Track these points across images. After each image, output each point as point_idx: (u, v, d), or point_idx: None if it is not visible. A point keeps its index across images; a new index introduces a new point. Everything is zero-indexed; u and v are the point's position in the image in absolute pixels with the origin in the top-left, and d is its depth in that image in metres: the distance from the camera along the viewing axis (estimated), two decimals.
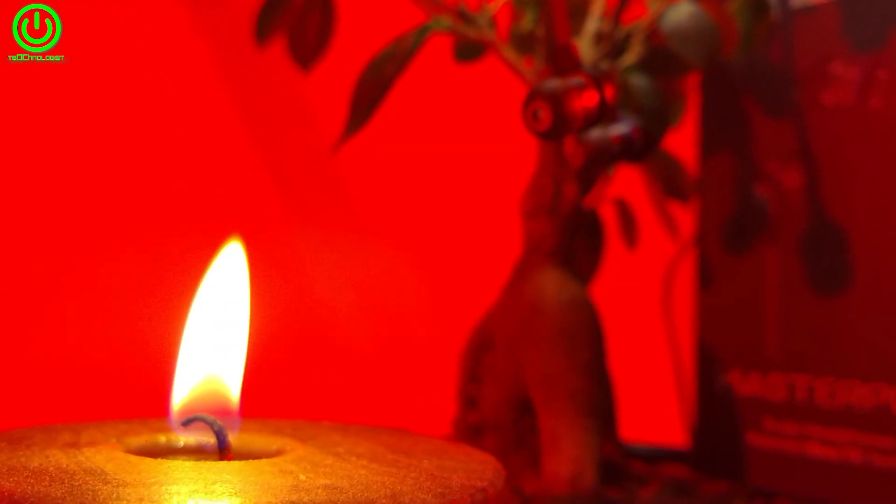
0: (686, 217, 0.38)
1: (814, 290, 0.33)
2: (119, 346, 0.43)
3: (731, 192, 0.35)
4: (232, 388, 0.22)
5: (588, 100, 0.29)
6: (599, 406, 0.30)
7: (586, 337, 0.30)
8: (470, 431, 0.33)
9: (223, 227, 0.47)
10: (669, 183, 0.37)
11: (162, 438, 0.23)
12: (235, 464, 0.20)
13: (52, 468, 0.19)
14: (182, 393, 0.22)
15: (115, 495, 0.17)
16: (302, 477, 0.19)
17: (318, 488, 0.18)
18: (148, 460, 0.20)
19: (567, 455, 0.29)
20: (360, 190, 0.49)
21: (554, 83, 0.28)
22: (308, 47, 0.34)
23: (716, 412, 0.35)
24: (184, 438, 0.23)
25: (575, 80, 0.29)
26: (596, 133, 0.30)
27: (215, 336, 0.22)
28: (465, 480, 0.20)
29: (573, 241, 0.32)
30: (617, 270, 0.37)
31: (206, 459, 0.21)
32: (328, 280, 0.48)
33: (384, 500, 0.18)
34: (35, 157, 0.43)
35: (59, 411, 0.38)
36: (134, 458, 0.20)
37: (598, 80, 0.29)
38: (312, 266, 0.48)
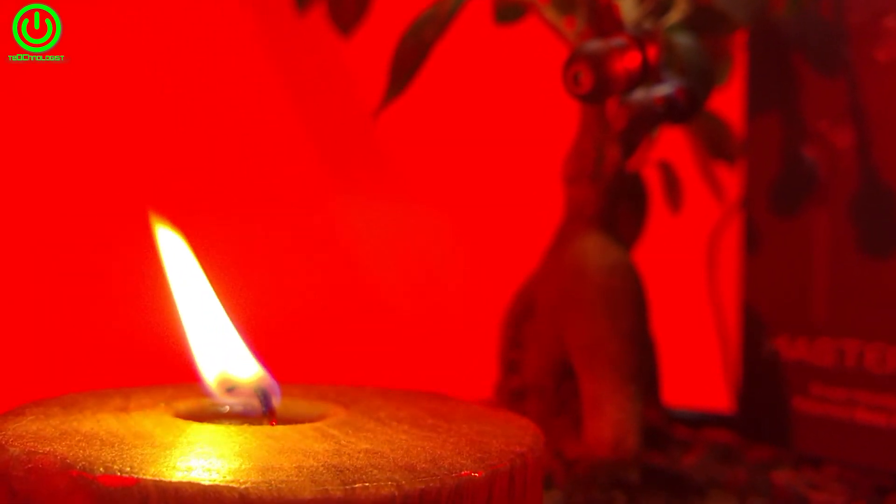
0: (732, 179, 0.37)
1: (864, 253, 0.32)
2: (169, 310, 0.43)
3: (778, 153, 0.34)
4: (248, 373, 0.23)
5: (630, 61, 0.28)
6: (642, 371, 0.30)
7: (629, 302, 0.30)
8: (512, 396, 0.33)
9: (267, 194, 0.48)
10: (715, 144, 0.36)
11: (209, 403, 0.23)
12: (279, 428, 0.20)
13: (102, 432, 0.19)
14: (213, 374, 0.23)
15: (162, 458, 0.18)
16: (343, 441, 0.19)
17: (359, 453, 0.19)
18: (195, 425, 0.20)
19: (609, 420, 0.29)
20: (401, 155, 0.49)
21: (595, 44, 0.28)
22: (348, 12, 0.34)
23: (761, 377, 0.35)
24: (230, 403, 0.23)
25: (617, 40, 0.28)
26: (639, 95, 0.30)
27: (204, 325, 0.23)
28: (504, 446, 0.20)
29: (616, 205, 0.31)
30: (661, 235, 0.36)
31: (251, 424, 0.22)
32: (370, 246, 0.48)
33: (424, 465, 0.18)
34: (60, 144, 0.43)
35: (111, 376, 0.39)
36: (181, 423, 0.20)
37: (640, 40, 0.28)
38: (354, 232, 0.48)
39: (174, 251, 0.23)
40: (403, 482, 0.17)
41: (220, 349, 0.23)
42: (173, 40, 0.45)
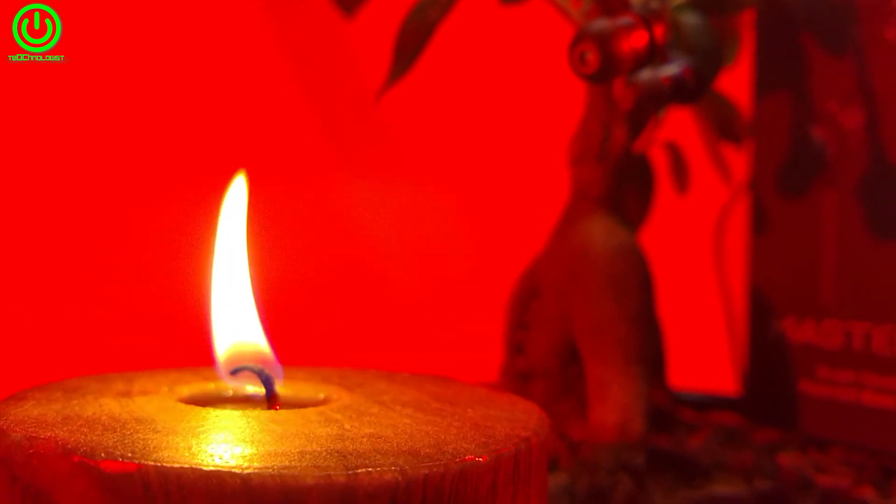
0: (740, 160, 0.37)
1: (873, 234, 0.32)
2: (171, 295, 0.43)
3: (787, 134, 0.34)
4: (262, 343, 0.23)
5: (637, 40, 0.28)
6: (648, 354, 0.30)
7: (635, 284, 0.30)
8: (517, 379, 0.33)
9: (271, 174, 0.47)
10: (722, 125, 0.36)
11: (212, 387, 0.23)
12: (282, 413, 0.20)
13: (104, 417, 0.19)
14: (222, 349, 0.23)
15: (164, 444, 0.18)
16: (347, 426, 0.19)
17: (362, 437, 0.19)
18: (197, 409, 0.20)
19: (615, 403, 0.29)
20: (405, 137, 0.49)
21: (601, 24, 0.28)
22: None
23: (768, 359, 0.34)
24: (233, 387, 0.23)
25: (623, 19, 0.28)
26: (646, 75, 0.29)
27: (229, 289, 0.23)
28: (509, 430, 0.20)
29: (622, 186, 0.31)
30: (668, 216, 0.36)
31: (254, 408, 0.22)
32: (374, 228, 0.48)
33: (427, 450, 0.18)
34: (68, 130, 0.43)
35: (114, 360, 0.39)
36: (184, 407, 0.20)
37: (647, 19, 0.28)
38: (359, 214, 0.48)
39: (233, 214, 0.23)
40: (407, 467, 0.17)
41: (237, 322, 0.23)
42: (177, 24, 0.45)
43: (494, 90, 0.48)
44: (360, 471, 0.17)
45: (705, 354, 0.41)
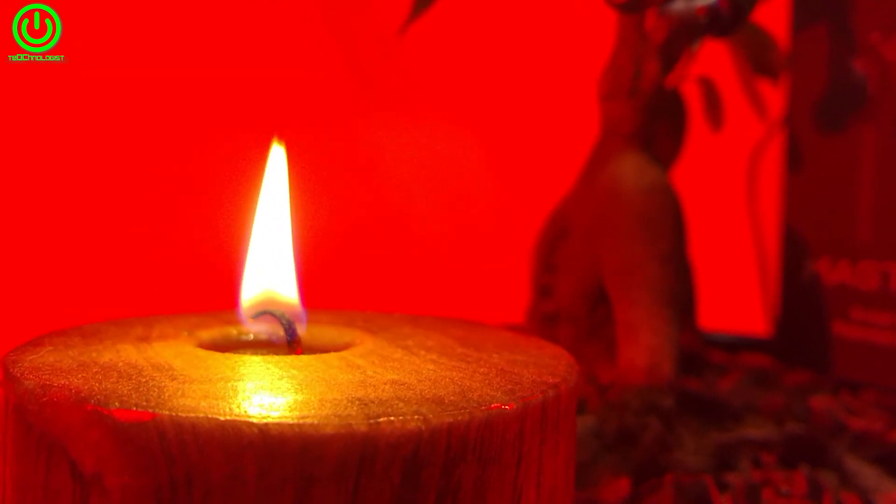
0: (776, 95, 0.35)
1: None
2: (196, 236, 0.43)
3: (825, 68, 0.32)
4: (290, 296, 0.22)
5: None
6: (678, 295, 0.29)
7: (666, 225, 0.29)
8: (544, 321, 0.32)
9: (293, 112, 0.47)
10: (758, 59, 0.34)
11: (233, 331, 0.23)
12: (303, 358, 0.20)
13: (121, 364, 0.19)
14: (249, 292, 0.22)
15: (180, 392, 0.17)
16: (369, 372, 0.19)
17: (384, 384, 0.18)
18: (216, 355, 0.20)
19: (644, 345, 0.28)
20: (428, 73, 0.48)
21: None
22: None
23: (801, 300, 0.34)
24: (254, 332, 0.23)
25: None
26: (680, 5, 0.28)
27: (268, 248, 0.22)
28: (536, 376, 0.19)
29: (654, 123, 0.30)
30: (701, 154, 0.35)
31: (275, 353, 0.21)
32: (398, 167, 0.47)
33: (452, 397, 0.18)
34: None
35: (136, 304, 0.39)
36: (202, 353, 0.20)
37: None
38: (381, 153, 0.47)
39: (276, 165, 0.22)
40: (430, 416, 0.17)
41: (270, 265, 0.22)
42: None
43: (521, 22, 0.47)
44: (381, 420, 0.16)
45: (736, 295, 0.40)
